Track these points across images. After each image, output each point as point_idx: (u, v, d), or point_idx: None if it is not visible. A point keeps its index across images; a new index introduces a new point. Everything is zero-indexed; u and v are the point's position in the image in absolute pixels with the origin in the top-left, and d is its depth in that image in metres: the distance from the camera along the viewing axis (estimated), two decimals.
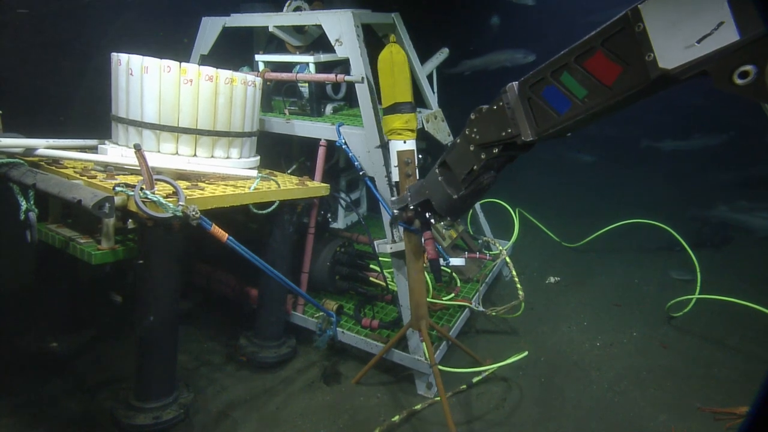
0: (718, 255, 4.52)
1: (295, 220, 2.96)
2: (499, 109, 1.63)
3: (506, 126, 1.61)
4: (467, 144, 1.77)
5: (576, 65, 1.41)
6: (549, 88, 1.49)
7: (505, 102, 1.60)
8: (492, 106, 1.66)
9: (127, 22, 3.66)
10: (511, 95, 1.59)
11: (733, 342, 3.29)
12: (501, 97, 1.62)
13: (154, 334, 2.26)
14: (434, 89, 3.78)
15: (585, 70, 1.39)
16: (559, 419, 2.65)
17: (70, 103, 3.44)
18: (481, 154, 1.73)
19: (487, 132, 1.68)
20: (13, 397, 2.65)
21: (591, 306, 3.78)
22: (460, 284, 3.57)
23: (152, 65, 2.46)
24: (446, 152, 1.91)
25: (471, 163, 1.77)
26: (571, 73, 1.43)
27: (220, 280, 3.33)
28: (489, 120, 1.67)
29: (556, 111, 1.50)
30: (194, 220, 2.07)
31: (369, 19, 3.17)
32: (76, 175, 2.33)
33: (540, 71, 1.51)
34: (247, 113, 2.81)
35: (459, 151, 1.82)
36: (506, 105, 1.60)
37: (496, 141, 1.66)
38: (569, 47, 1.43)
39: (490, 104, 1.67)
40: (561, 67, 1.45)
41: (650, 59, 1.24)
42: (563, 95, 1.46)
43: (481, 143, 1.72)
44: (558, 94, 1.47)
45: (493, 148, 1.70)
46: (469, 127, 1.76)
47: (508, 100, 1.60)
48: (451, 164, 1.89)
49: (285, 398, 2.79)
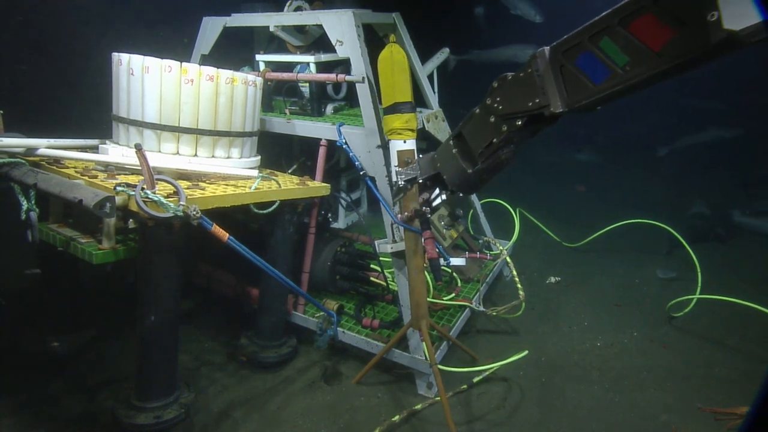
0: (719, 255, 4.52)
1: (295, 220, 2.96)
2: (526, 77, 1.48)
3: (534, 95, 1.46)
4: (487, 115, 1.63)
5: (619, 28, 1.25)
6: (585, 54, 1.34)
7: (534, 69, 1.44)
8: (519, 74, 1.51)
9: (128, 21, 3.66)
10: (542, 61, 1.43)
11: (734, 342, 3.29)
12: (530, 63, 1.46)
13: (155, 334, 2.26)
14: (435, 89, 3.78)
15: (629, 34, 1.23)
16: (560, 419, 2.65)
17: (71, 102, 3.44)
18: (503, 126, 1.59)
19: (512, 102, 1.54)
20: (13, 397, 2.65)
21: (591, 306, 3.78)
22: (460, 284, 3.57)
23: (153, 65, 2.47)
24: (462, 123, 1.77)
25: (490, 135, 1.64)
26: (612, 38, 1.27)
27: (220, 280, 3.33)
28: (514, 88, 1.53)
29: (591, 80, 1.35)
30: (195, 220, 2.07)
31: (369, 19, 3.18)
32: (77, 174, 2.33)
33: (576, 35, 1.35)
34: (248, 113, 2.81)
35: (477, 123, 1.69)
36: (535, 72, 1.44)
37: (521, 112, 1.52)
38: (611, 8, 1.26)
39: (517, 71, 1.52)
40: (601, 31, 1.29)
41: (713, 19, 1.08)
42: (601, 63, 1.31)
43: (504, 114, 1.57)
44: (595, 61, 1.32)
45: (516, 120, 1.55)
46: (490, 96, 1.62)
47: (537, 67, 1.44)
48: (467, 136, 1.75)
49: (286, 398, 2.79)
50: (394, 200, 2.55)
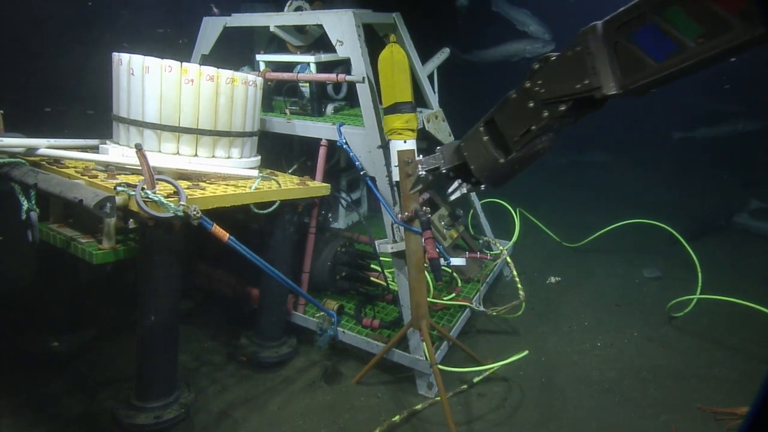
0: (719, 254, 4.52)
1: (295, 220, 2.96)
2: (575, 56, 1.33)
3: (583, 76, 1.32)
4: (526, 99, 1.49)
5: None
6: (646, 27, 1.19)
7: (584, 47, 1.30)
8: (566, 53, 1.37)
9: (128, 21, 3.66)
10: (593, 38, 1.29)
11: (734, 342, 3.29)
12: (579, 40, 1.32)
13: (155, 334, 2.26)
14: (435, 89, 3.78)
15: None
16: (560, 419, 2.65)
17: (71, 102, 3.44)
18: (543, 112, 1.45)
19: (556, 84, 1.40)
20: (13, 397, 2.65)
21: (591, 306, 3.78)
22: (460, 284, 3.57)
23: (153, 65, 2.47)
24: (495, 108, 1.64)
25: (528, 122, 1.50)
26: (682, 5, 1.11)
27: (220, 279, 3.33)
28: (560, 70, 1.40)
29: (652, 57, 1.20)
30: (195, 220, 2.07)
31: (370, 18, 3.17)
32: (78, 174, 2.33)
33: (634, 6, 1.20)
34: (248, 113, 2.81)
35: (513, 108, 1.55)
36: (585, 50, 1.30)
37: (568, 95, 1.38)
38: None
39: (563, 50, 1.38)
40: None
41: None
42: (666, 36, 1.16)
43: (547, 98, 1.43)
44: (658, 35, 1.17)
45: (559, 105, 1.42)
46: (530, 79, 1.48)
47: (588, 44, 1.29)
48: (500, 123, 1.61)
49: (286, 398, 2.79)
50: (412, 191, 2.44)
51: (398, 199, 2.79)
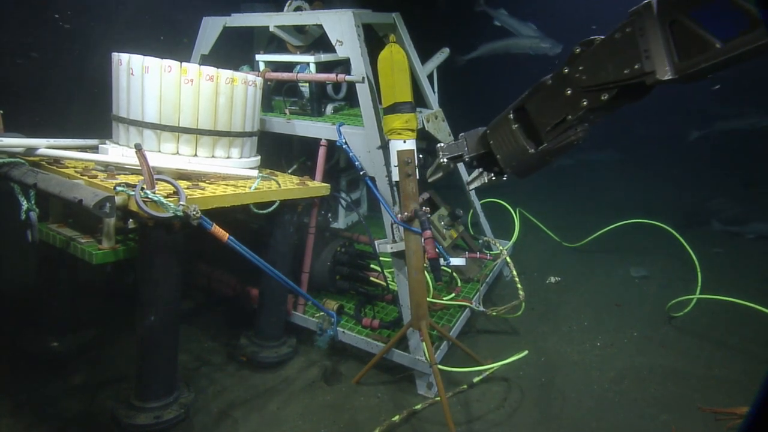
0: (719, 254, 4.52)
1: (295, 220, 2.96)
2: (625, 38, 1.22)
3: (633, 60, 1.21)
4: (563, 86, 1.39)
5: None
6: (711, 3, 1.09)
7: (636, 27, 1.19)
8: (613, 35, 1.25)
9: (128, 21, 3.66)
10: (648, 17, 1.17)
11: (734, 342, 3.28)
12: (629, 21, 1.21)
13: (155, 334, 2.26)
14: (435, 89, 3.78)
15: None
16: (560, 419, 2.65)
17: (71, 102, 3.45)
18: (582, 101, 1.35)
19: (601, 70, 1.29)
20: (13, 397, 2.65)
21: (591, 306, 3.78)
22: (460, 284, 3.57)
23: (153, 65, 2.47)
24: (526, 95, 1.52)
25: (563, 110, 1.40)
26: None
27: (220, 280, 3.33)
28: (606, 54, 1.28)
29: (716, 37, 1.09)
30: (195, 220, 2.07)
31: (369, 18, 3.17)
32: (77, 174, 2.33)
33: None
34: (248, 113, 2.81)
35: (547, 95, 1.45)
36: (638, 32, 1.19)
37: (614, 82, 1.27)
38: None
39: (610, 32, 1.26)
40: None
41: None
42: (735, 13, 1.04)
43: (589, 85, 1.33)
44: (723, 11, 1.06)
45: (602, 93, 1.31)
46: (570, 65, 1.36)
47: (641, 25, 1.18)
48: (532, 111, 1.51)
49: (285, 398, 2.79)
50: (431, 179, 2.25)
51: (398, 199, 2.79)
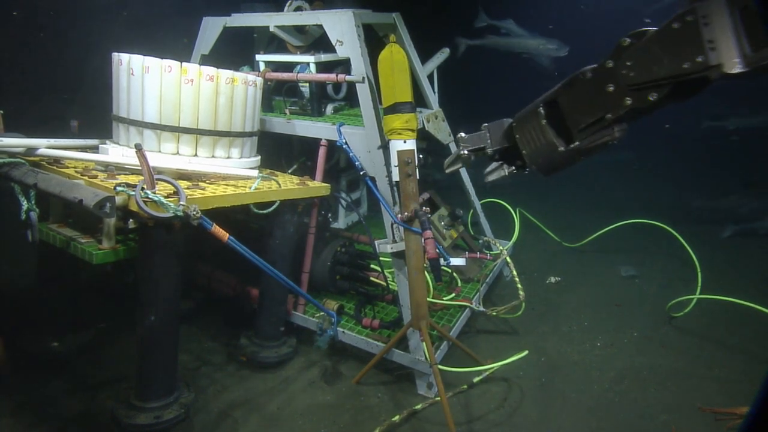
0: (719, 254, 4.52)
1: (295, 220, 2.96)
2: (684, 29, 1.11)
3: (695, 53, 1.09)
4: (605, 81, 1.27)
5: None
6: None
7: (700, 16, 1.08)
8: (670, 24, 1.13)
9: (128, 22, 3.66)
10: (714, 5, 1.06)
11: (734, 342, 3.28)
12: (690, 9, 1.09)
13: (155, 334, 2.26)
14: (435, 89, 3.78)
15: None
16: (560, 419, 2.65)
17: (71, 102, 3.44)
18: (626, 99, 1.23)
19: (655, 64, 1.17)
20: (13, 397, 2.65)
21: (591, 306, 3.78)
22: (460, 284, 3.57)
23: (153, 65, 2.47)
24: (560, 87, 1.39)
25: (603, 109, 1.29)
26: None
27: (220, 279, 3.33)
28: (662, 46, 1.16)
29: None
30: (195, 220, 2.07)
31: (370, 19, 3.17)
32: (77, 174, 2.33)
33: None
34: (248, 113, 2.81)
35: (585, 90, 1.33)
36: (701, 20, 1.08)
37: (670, 77, 1.14)
38: None
39: (666, 23, 1.14)
40: None
41: None
42: None
43: (639, 82, 1.20)
44: None
45: (650, 92, 1.18)
46: (615, 59, 1.24)
47: (705, 13, 1.07)
48: (565, 106, 1.38)
49: (286, 398, 2.79)
50: (447, 169, 2.19)
51: (398, 199, 2.79)
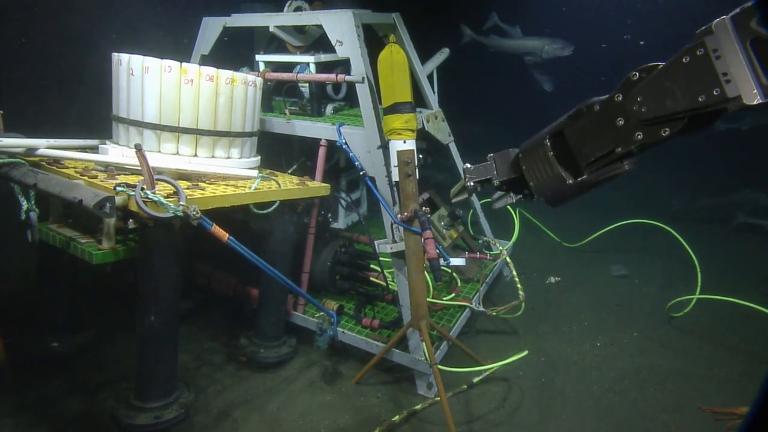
0: (719, 254, 4.52)
1: (295, 220, 2.96)
2: (695, 62, 1.08)
3: (711, 85, 1.06)
4: (615, 115, 1.23)
5: None
6: None
7: (711, 49, 1.05)
8: (679, 59, 1.10)
9: (128, 22, 3.66)
10: (723, 37, 1.03)
11: (734, 342, 3.29)
12: (698, 42, 1.07)
13: (154, 334, 2.26)
14: (434, 89, 3.78)
15: None
16: (560, 419, 2.65)
17: (71, 103, 3.45)
18: (637, 134, 1.19)
19: (668, 98, 1.13)
20: (13, 397, 2.65)
21: (591, 306, 3.78)
22: (460, 284, 3.57)
23: (153, 65, 2.47)
24: (566, 119, 1.36)
25: (612, 142, 1.25)
26: None
27: (220, 280, 3.33)
28: (673, 80, 1.12)
29: None
30: (195, 220, 2.07)
31: (369, 19, 3.18)
32: (77, 175, 2.33)
33: None
34: (248, 113, 2.81)
35: (594, 123, 1.29)
36: (712, 53, 1.05)
37: (686, 111, 1.11)
38: None
39: (674, 57, 1.11)
40: None
41: None
42: None
43: (651, 117, 1.16)
44: None
45: (663, 127, 1.15)
46: (625, 92, 1.20)
47: (716, 46, 1.04)
48: (572, 138, 1.35)
49: (285, 398, 2.79)
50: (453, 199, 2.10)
51: (398, 199, 2.79)
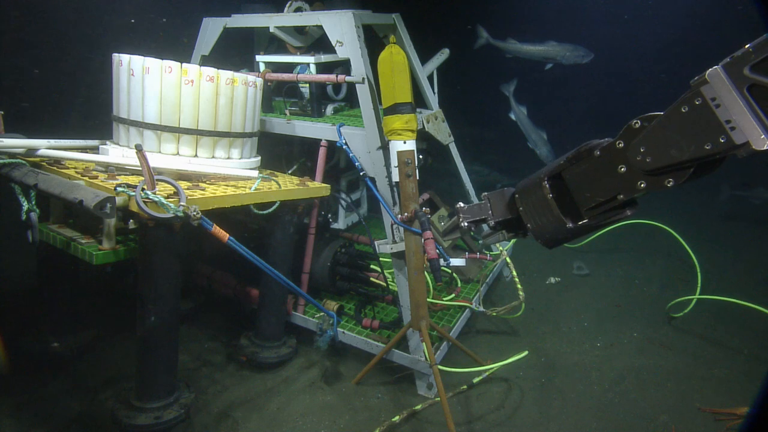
0: (719, 254, 4.52)
1: (295, 221, 2.96)
2: (695, 112, 1.10)
3: (716, 134, 1.08)
4: (616, 162, 1.23)
5: None
6: None
7: (708, 98, 1.07)
8: (677, 109, 1.11)
9: (128, 22, 3.67)
10: (718, 86, 1.06)
11: (734, 342, 3.29)
12: (694, 92, 1.09)
13: (155, 334, 2.26)
14: (434, 90, 3.78)
15: None
16: (560, 419, 2.65)
17: (71, 103, 3.45)
18: (640, 182, 1.19)
19: (672, 148, 1.13)
20: (14, 397, 2.65)
21: (591, 306, 3.78)
22: (460, 285, 3.57)
23: (153, 66, 2.47)
24: (565, 162, 1.34)
25: (614, 189, 1.24)
26: None
27: (220, 280, 3.33)
28: (675, 130, 1.13)
29: None
30: (195, 221, 2.08)
31: (369, 19, 3.18)
32: (78, 175, 2.33)
33: None
34: (248, 114, 2.81)
35: (594, 169, 1.28)
36: (710, 102, 1.07)
37: (693, 160, 1.12)
38: None
39: (671, 108, 1.13)
40: None
41: None
42: None
43: (656, 168, 1.16)
44: None
45: (667, 177, 1.16)
46: (627, 140, 1.20)
47: (714, 95, 1.06)
48: (572, 182, 1.34)
49: (286, 398, 2.80)
50: (445, 237, 2.06)
51: (398, 200, 2.79)
